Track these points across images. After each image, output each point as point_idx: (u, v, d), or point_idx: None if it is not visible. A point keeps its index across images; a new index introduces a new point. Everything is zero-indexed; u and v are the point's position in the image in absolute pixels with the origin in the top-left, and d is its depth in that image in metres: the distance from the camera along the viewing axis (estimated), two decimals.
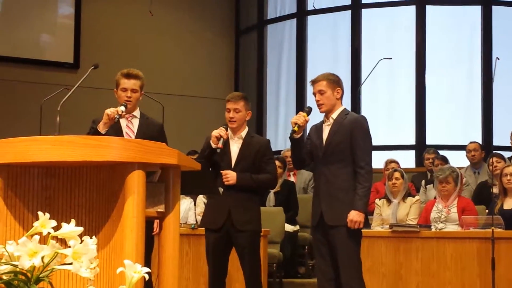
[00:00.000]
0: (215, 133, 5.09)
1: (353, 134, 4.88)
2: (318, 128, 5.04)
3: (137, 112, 4.87)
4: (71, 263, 2.28)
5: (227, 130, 5.16)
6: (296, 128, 4.85)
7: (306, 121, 4.90)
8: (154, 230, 4.73)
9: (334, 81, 4.99)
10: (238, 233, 5.12)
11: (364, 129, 4.94)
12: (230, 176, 5.14)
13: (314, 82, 5.00)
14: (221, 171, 5.17)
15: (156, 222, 4.63)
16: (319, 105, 4.96)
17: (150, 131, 4.77)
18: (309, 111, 4.96)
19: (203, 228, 5.42)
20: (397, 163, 8.73)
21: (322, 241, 4.91)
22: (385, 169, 8.48)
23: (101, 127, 4.55)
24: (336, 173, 4.87)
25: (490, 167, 7.51)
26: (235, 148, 5.26)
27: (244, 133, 5.29)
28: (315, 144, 4.98)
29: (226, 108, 5.26)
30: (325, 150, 4.91)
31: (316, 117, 5.11)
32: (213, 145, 5.08)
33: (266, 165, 5.26)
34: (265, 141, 5.40)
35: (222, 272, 5.25)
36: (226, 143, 5.22)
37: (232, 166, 5.20)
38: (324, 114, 5.01)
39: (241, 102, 5.24)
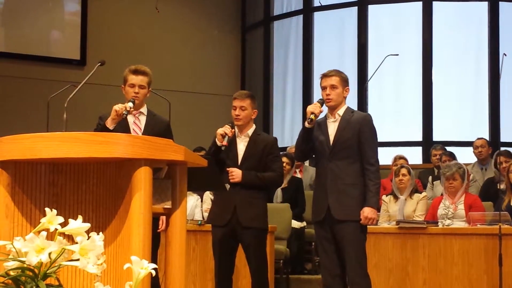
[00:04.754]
0: (220, 131, 5.09)
1: (362, 131, 4.90)
2: (321, 124, 5.03)
3: (144, 109, 4.86)
4: (78, 259, 2.28)
5: (232, 128, 5.16)
6: (312, 117, 4.85)
7: (321, 112, 4.90)
8: (160, 227, 4.73)
9: (345, 80, 5.02)
10: (243, 230, 5.12)
11: (372, 127, 4.99)
12: (235, 174, 5.14)
13: (326, 76, 4.98)
14: (227, 169, 5.17)
15: (162, 218, 4.64)
16: (327, 99, 4.95)
17: (157, 128, 4.77)
18: (322, 102, 4.95)
19: (210, 225, 5.43)
20: (405, 159, 8.71)
21: (327, 237, 4.91)
22: (394, 165, 8.48)
23: (109, 123, 4.56)
24: (344, 168, 4.88)
25: (498, 166, 7.50)
26: (241, 146, 5.26)
27: (250, 131, 5.29)
28: (320, 140, 4.97)
29: (233, 105, 5.25)
30: (333, 146, 4.91)
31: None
32: (218, 143, 5.08)
33: (272, 163, 5.25)
34: (272, 139, 5.40)
35: (228, 269, 5.25)
36: (233, 141, 5.21)
37: (238, 164, 5.20)
38: (327, 110, 5.02)
39: (248, 100, 5.24)
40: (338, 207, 4.85)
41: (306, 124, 4.90)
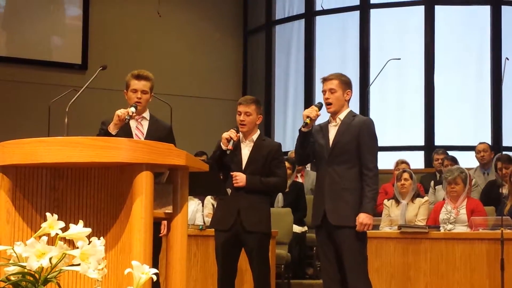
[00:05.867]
0: (225, 134, 5.10)
1: (362, 135, 4.87)
2: (323, 128, 5.01)
3: (146, 114, 4.87)
4: (79, 264, 2.27)
5: (238, 132, 5.17)
6: (308, 121, 4.83)
7: (317, 116, 4.87)
8: (162, 231, 4.73)
9: (346, 82, 4.97)
10: (247, 234, 5.13)
11: (373, 132, 4.95)
12: (239, 178, 5.15)
13: (325, 80, 4.97)
14: (231, 173, 5.17)
15: (164, 223, 4.64)
16: (327, 104, 4.93)
17: (159, 132, 4.78)
18: (320, 106, 4.93)
19: (211, 229, 5.43)
20: (407, 164, 8.70)
21: (326, 242, 4.88)
22: (396, 169, 8.47)
23: (112, 128, 4.58)
24: (342, 173, 4.85)
25: (499, 172, 7.48)
26: (246, 151, 5.27)
27: (255, 136, 5.30)
28: (320, 144, 4.96)
29: (238, 111, 5.26)
30: (332, 150, 4.89)
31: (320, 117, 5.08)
32: (223, 147, 5.09)
33: (276, 168, 5.26)
34: (276, 145, 5.41)
35: (231, 273, 5.25)
36: (238, 146, 5.22)
37: (243, 169, 5.21)
38: (329, 114, 5.00)
39: (253, 105, 5.24)
40: (333, 212, 4.82)
41: (302, 128, 4.89)
